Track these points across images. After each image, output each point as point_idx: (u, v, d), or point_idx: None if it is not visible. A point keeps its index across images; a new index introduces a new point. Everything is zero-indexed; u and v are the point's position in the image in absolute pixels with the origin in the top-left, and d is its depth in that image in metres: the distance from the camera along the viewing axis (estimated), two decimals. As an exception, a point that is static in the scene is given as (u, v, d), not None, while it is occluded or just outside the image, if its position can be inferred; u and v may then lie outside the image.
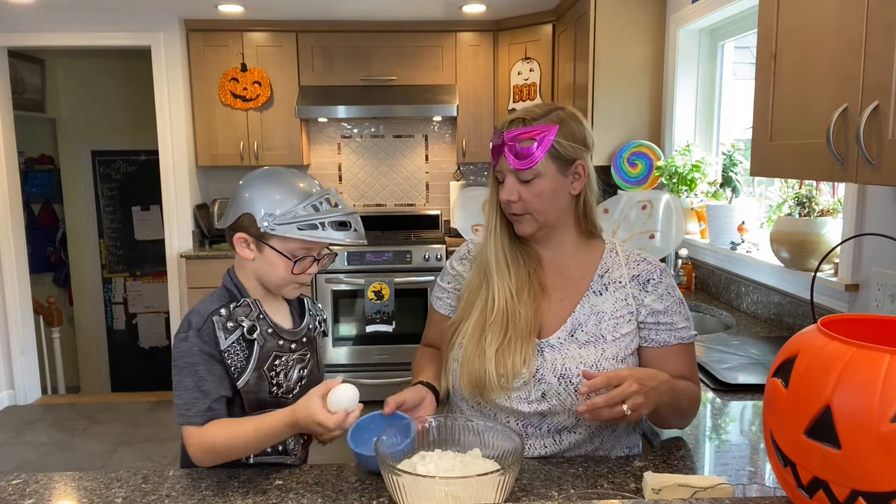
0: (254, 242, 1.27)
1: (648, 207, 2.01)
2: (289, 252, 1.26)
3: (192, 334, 1.23)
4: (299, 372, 1.33)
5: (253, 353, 1.26)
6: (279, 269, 1.27)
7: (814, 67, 1.22)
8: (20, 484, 1.19)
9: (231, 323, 1.24)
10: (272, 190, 1.25)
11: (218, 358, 1.23)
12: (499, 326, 1.27)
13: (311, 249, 1.28)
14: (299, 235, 1.23)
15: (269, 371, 1.28)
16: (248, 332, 1.25)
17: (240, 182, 1.30)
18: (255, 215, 1.24)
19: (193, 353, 1.22)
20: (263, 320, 1.29)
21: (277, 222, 1.23)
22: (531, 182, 1.25)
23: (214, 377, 1.23)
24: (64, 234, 5.90)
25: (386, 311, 4.06)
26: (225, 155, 4.37)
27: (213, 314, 1.24)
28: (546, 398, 1.26)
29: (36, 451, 3.71)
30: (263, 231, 1.24)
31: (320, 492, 1.16)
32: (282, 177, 1.28)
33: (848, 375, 0.80)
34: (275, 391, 1.29)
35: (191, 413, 1.21)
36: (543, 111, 1.27)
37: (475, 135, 4.43)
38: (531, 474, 1.20)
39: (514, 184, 1.26)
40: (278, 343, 1.30)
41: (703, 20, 2.92)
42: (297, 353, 1.34)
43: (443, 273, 1.47)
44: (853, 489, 0.80)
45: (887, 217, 1.74)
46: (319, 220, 1.24)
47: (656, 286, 1.30)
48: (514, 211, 1.29)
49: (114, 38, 4.18)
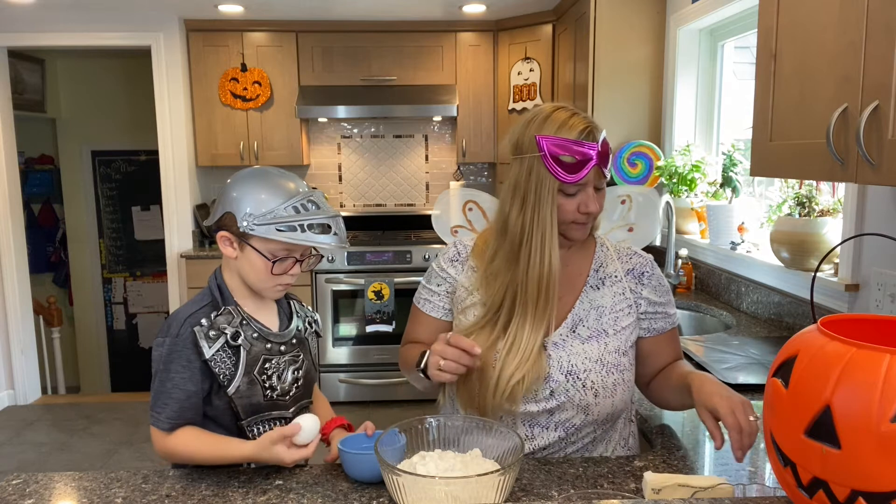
0: (236, 241, 1.27)
1: (627, 202, 2.06)
2: (269, 252, 1.25)
3: (168, 340, 1.24)
4: (294, 373, 1.33)
5: (240, 359, 1.25)
6: (259, 269, 1.26)
7: (814, 67, 1.22)
8: (20, 484, 1.19)
9: (213, 332, 1.23)
10: (256, 189, 1.24)
11: (198, 366, 1.24)
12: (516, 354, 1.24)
13: (293, 251, 1.27)
14: (277, 237, 1.22)
15: (261, 375, 1.28)
16: (232, 338, 1.25)
17: (227, 181, 1.30)
18: (236, 214, 1.24)
19: (167, 359, 1.24)
20: (247, 325, 1.28)
21: (257, 222, 1.22)
22: (601, 188, 1.27)
23: (185, 383, 1.23)
24: (64, 234, 5.90)
25: (386, 311, 4.06)
26: (225, 155, 4.37)
27: (194, 323, 1.24)
28: (555, 395, 1.27)
29: (36, 451, 3.71)
30: (243, 230, 1.24)
31: (320, 492, 1.16)
32: (267, 176, 1.27)
33: (848, 375, 0.80)
34: (269, 394, 1.29)
35: (160, 417, 1.24)
36: (582, 114, 1.26)
37: (475, 135, 4.43)
38: (531, 474, 1.20)
39: (594, 193, 1.25)
40: (266, 346, 1.29)
41: (703, 20, 2.92)
42: (287, 355, 1.33)
43: (429, 274, 1.42)
44: (853, 489, 0.80)
45: (887, 217, 1.74)
46: (299, 222, 1.22)
47: (650, 278, 1.35)
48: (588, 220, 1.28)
49: (114, 38, 4.19)
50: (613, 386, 1.27)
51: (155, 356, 1.26)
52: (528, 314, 1.24)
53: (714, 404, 1.11)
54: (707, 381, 1.18)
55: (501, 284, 1.27)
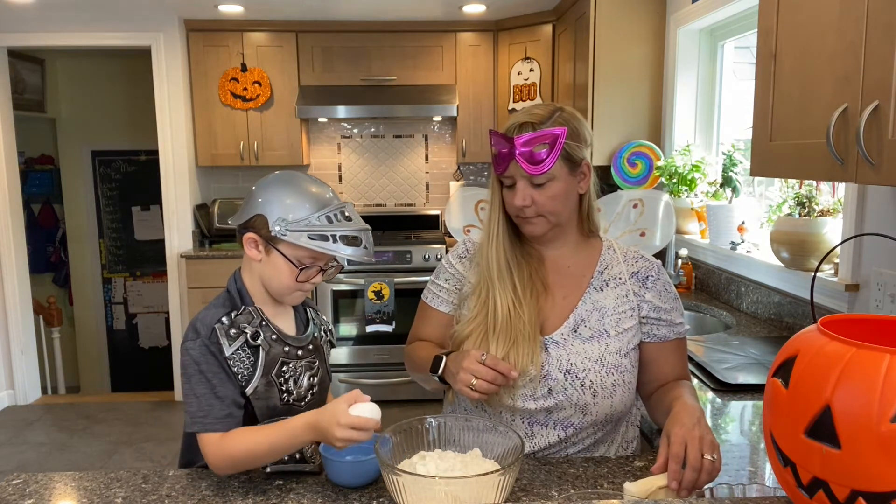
0: (263, 244, 1.26)
1: (640, 206, 2.04)
2: (296, 259, 1.25)
3: (200, 342, 1.22)
4: (309, 380, 1.32)
5: (259, 359, 1.25)
6: (284, 274, 1.26)
7: (814, 67, 1.22)
8: (20, 484, 1.19)
9: (234, 330, 1.23)
10: (290, 195, 1.24)
11: (225, 366, 1.22)
12: (504, 334, 1.27)
13: (319, 259, 1.27)
14: (309, 245, 1.22)
15: (278, 377, 1.27)
16: (252, 338, 1.24)
17: (258, 182, 1.29)
18: (268, 217, 1.23)
19: (203, 361, 1.21)
20: (267, 326, 1.28)
21: (289, 228, 1.22)
22: (544, 186, 1.25)
23: (227, 384, 1.21)
24: (64, 234, 5.90)
25: (386, 311, 4.06)
26: (225, 155, 4.37)
27: (216, 322, 1.23)
28: (552, 394, 1.26)
29: (36, 451, 3.71)
30: (274, 234, 1.23)
31: (320, 492, 1.16)
32: (302, 183, 1.27)
33: (848, 375, 0.80)
34: (285, 398, 1.28)
35: (207, 420, 1.18)
36: (548, 113, 1.27)
37: (475, 135, 4.43)
38: (531, 474, 1.20)
39: (526, 188, 1.26)
40: (284, 349, 1.29)
41: (703, 20, 2.92)
42: (304, 361, 1.32)
43: (439, 270, 1.45)
44: (853, 489, 0.80)
45: (887, 217, 1.74)
46: (331, 233, 1.22)
47: (655, 283, 1.33)
48: (528, 215, 1.28)
49: (114, 38, 4.19)
50: (613, 387, 1.27)
51: (186, 360, 1.22)
52: (497, 288, 1.30)
53: (671, 431, 1.07)
54: (686, 410, 1.13)
55: (480, 270, 1.35)
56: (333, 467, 1.16)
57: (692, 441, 1.04)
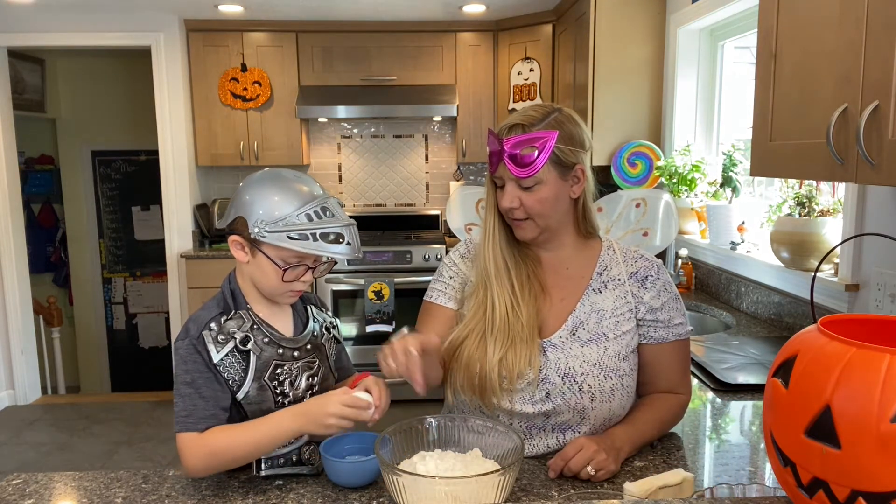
0: (248, 246, 1.24)
1: (643, 205, 2.03)
2: (281, 259, 1.22)
3: (188, 341, 1.20)
4: (308, 380, 1.29)
5: (250, 364, 1.22)
6: (270, 275, 1.23)
7: (814, 67, 1.22)
8: (20, 484, 1.19)
9: (222, 336, 1.21)
10: (269, 194, 1.20)
11: (214, 370, 1.20)
12: (502, 335, 1.26)
13: (305, 258, 1.24)
14: (289, 245, 1.18)
15: (272, 381, 1.24)
16: (242, 343, 1.22)
17: (241, 182, 1.27)
18: (248, 219, 1.20)
19: (190, 360, 1.20)
20: (259, 329, 1.25)
21: (269, 230, 1.19)
22: (532, 189, 1.24)
23: (213, 384, 1.19)
24: (64, 234, 5.90)
25: (386, 311, 4.06)
26: (225, 155, 4.37)
27: (205, 327, 1.21)
28: (550, 398, 1.25)
29: (36, 451, 3.71)
30: (254, 237, 1.20)
31: (320, 492, 1.16)
32: (282, 181, 1.23)
33: (848, 375, 0.80)
34: (280, 400, 1.25)
35: (190, 420, 1.17)
36: (542, 115, 1.25)
37: (475, 135, 4.43)
38: (531, 474, 1.20)
39: (514, 190, 1.25)
40: (277, 352, 1.26)
41: (703, 20, 2.92)
42: (301, 361, 1.29)
43: (441, 269, 1.43)
44: (853, 489, 0.80)
45: (887, 217, 1.74)
46: (311, 231, 1.19)
47: (654, 283, 1.31)
48: (516, 217, 1.28)
49: (114, 38, 4.19)
50: (611, 391, 1.26)
51: (176, 359, 1.22)
52: (494, 288, 1.30)
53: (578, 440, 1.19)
54: (621, 426, 1.26)
55: (478, 270, 1.34)
56: (333, 468, 1.16)
57: (586, 449, 1.16)
